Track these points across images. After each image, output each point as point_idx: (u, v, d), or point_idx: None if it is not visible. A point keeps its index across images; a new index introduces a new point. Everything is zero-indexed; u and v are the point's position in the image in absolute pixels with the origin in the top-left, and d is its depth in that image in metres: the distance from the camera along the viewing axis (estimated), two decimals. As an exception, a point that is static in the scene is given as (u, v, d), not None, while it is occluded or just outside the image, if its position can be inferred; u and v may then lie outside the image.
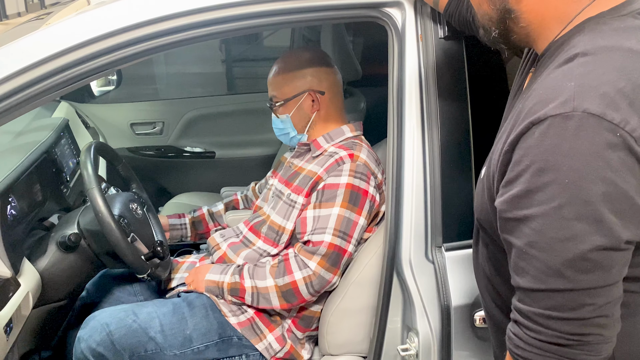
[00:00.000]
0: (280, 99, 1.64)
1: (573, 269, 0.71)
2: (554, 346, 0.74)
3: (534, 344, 0.76)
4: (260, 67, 3.85)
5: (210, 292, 1.58)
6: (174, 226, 1.92)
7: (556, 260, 0.71)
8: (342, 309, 1.50)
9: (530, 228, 0.73)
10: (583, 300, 0.72)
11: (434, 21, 1.26)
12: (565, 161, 0.69)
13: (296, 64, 1.63)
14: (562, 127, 0.69)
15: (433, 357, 1.31)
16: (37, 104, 1.13)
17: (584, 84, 0.70)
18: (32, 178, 1.59)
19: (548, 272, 0.72)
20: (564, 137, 0.69)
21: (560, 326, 0.73)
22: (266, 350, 1.54)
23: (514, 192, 0.74)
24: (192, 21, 1.13)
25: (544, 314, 0.74)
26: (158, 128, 3.00)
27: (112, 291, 1.73)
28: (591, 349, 0.74)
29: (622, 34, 0.74)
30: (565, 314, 0.73)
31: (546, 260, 0.72)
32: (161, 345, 1.48)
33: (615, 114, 0.67)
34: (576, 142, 0.68)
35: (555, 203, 0.70)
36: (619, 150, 0.67)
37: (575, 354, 0.74)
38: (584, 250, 0.70)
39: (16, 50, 1.08)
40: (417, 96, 1.27)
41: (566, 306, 0.73)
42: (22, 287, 1.29)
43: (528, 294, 0.76)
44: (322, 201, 1.50)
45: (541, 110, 0.71)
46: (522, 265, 0.75)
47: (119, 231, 1.40)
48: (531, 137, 0.72)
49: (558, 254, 0.71)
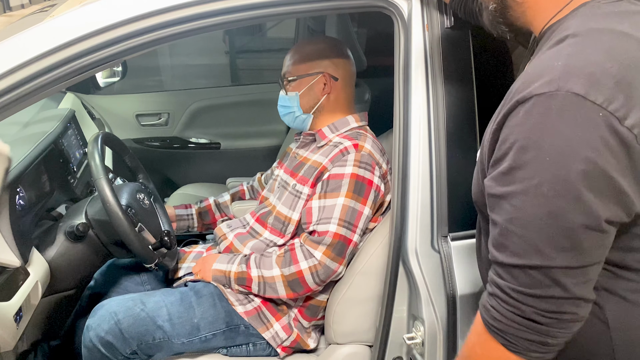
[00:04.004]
0: (293, 75, 1.65)
1: (551, 246, 0.72)
2: (531, 322, 0.76)
3: (512, 319, 0.77)
4: (264, 59, 3.85)
5: (218, 281, 1.59)
6: (180, 216, 1.93)
7: (535, 237, 0.73)
8: (348, 298, 1.51)
9: (511, 204, 0.74)
10: (559, 278, 0.73)
11: (440, 11, 1.26)
12: (547, 139, 0.70)
13: (316, 48, 1.65)
14: (546, 106, 0.70)
15: (439, 345, 1.32)
16: (43, 95, 1.14)
17: (571, 64, 0.70)
18: (40, 169, 1.61)
19: (526, 248, 0.73)
20: (547, 115, 0.70)
21: (538, 303, 0.75)
22: (273, 339, 1.56)
23: (499, 169, 0.76)
24: (198, 12, 1.13)
25: (522, 291, 0.75)
26: (163, 119, 3.01)
27: (120, 281, 1.75)
28: (565, 326, 0.76)
29: (614, 18, 0.75)
30: (541, 291, 0.74)
31: (525, 236, 0.73)
32: (169, 333, 1.49)
33: (598, 94, 0.68)
34: (558, 121, 0.69)
35: (536, 180, 0.71)
36: (601, 130, 0.68)
37: (550, 330, 0.76)
38: (563, 228, 0.71)
39: (21, 42, 1.08)
40: (424, 86, 1.27)
41: (543, 283, 0.74)
42: (32, 276, 1.30)
43: (507, 269, 0.77)
44: (327, 191, 1.50)
45: (527, 89, 0.72)
46: (502, 241, 0.77)
47: (127, 221, 1.41)
48: (516, 115, 0.73)
49: (537, 231, 0.72)
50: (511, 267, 0.76)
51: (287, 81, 1.66)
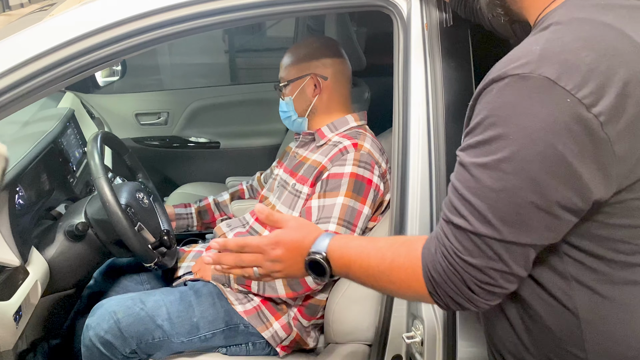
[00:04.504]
0: (285, 80, 1.67)
1: (499, 219, 0.74)
2: (466, 289, 0.79)
3: (452, 280, 0.79)
4: (264, 58, 3.84)
5: (217, 280, 1.59)
6: (180, 215, 1.93)
7: (486, 209, 0.75)
8: (348, 297, 1.51)
9: (471, 174, 0.77)
10: (502, 253, 0.75)
11: (439, 10, 1.26)
12: (513, 119, 0.72)
13: (305, 50, 1.66)
14: (518, 86, 0.72)
15: (438, 344, 1.31)
16: (42, 94, 1.14)
17: (548, 48, 0.72)
18: (39, 168, 1.60)
19: (477, 217, 0.76)
20: (518, 96, 0.72)
21: (479, 275, 0.77)
22: (272, 338, 1.56)
23: (468, 141, 0.79)
24: (197, 11, 1.13)
25: (467, 260, 0.77)
26: (163, 118, 3.01)
27: (120, 280, 1.75)
28: (490, 298, 0.79)
29: (600, 10, 0.76)
30: (483, 261, 0.76)
31: (477, 206, 0.75)
32: (168, 332, 1.49)
33: (569, 80, 0.69)
34: (528, 103, 0.71)
35: (497, 156, 0.73)
36: (566, 115, 0.69)
37: (476, 299, 0.79)
38: (514, 204, 0.73)
39: (21, 41, 1.08)
40: (423, 85, 1.27)
41: (486, 254, 0.76)
42: (31, 275, 1.30)
43: (455, 231, 0.79)
44: (327, 191, 1.50)
45: (503, 69, 0.74)
46: (455, 204, 0.79)
47: (126, 220, 1.41)
48: (490, 93, 0.76)
49: (489, 203, 0.75)
50: (460, 230, 0.78)
51: (280, 87, 1.68)
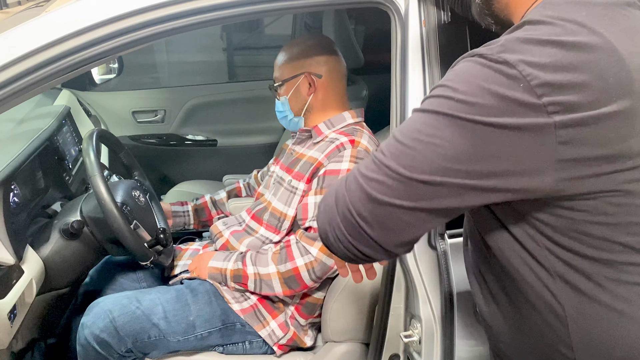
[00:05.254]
0: (279, 80, 1.66)
1: (409, 160, 0.75)
2: (348, 213, 0.80)
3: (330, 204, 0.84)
4: (261, 55, 3.84)
5: (214, 279, 1.59)
6: (176, 213, 1.93)
7: (403, 145, 0.76)
8: (345, 296, 1.51)
9: (411, 119, 0.79)
10: (394, 190, 0.75)
11: (437, 7, 1.25)
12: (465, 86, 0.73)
13: (299, 48, 1.65)
14: (479, 62, 0.73)
15: (436, 343, 1.31)
16: (37, 91, 1.13)
17: (517, 39, 0.73)
18: (35, 165, 1.60)
19: (388, 147, 0.77)
20: (475, 69, 0.73)
21: (366, 197, 0.78)
22: (269, 337, 1.55)
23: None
24: (195, 6, 1.12)
25: (365, 174, 0.78)
26: (160, 116, 3.00)
27: (116, 278, 1.74)
28: (361, 241, 0.80)
29: (574, 7, 0.76)
30: (371, 184, 0.77)
31: (398, 140, 0.77)
32: (164, 331, 1.48)
33: (527, 67, 0.69)
34: (482, 77, 0.72)
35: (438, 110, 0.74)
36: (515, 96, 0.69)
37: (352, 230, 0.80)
38: (426, 156, 0.74)
39: (15, 37, 1.07)
40: (421, 82, 1.26)
41: (376, 179, 0.77)
42: (26, 274, 1.29)
43: (371, 157, 0.80)
44: (324, 187, 1.50)
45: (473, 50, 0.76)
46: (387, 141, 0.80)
47: (122, 218, 1.40)
48: (455, 65, 0.78)
49: (410, 142, 0.75)
50: (374, 157, 0.79)
51: (275, 87, 1.67)
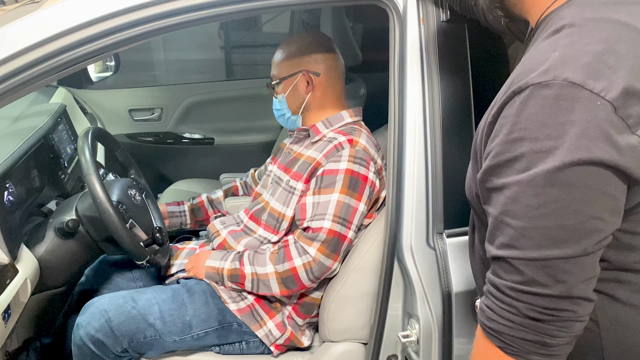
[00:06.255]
0: (277, 78, 1.65)
1: (544, 238, 0.70)
2: (527, 320, 0.74)
3: (507, 317, 0.75)
4: (259, 53, 3.83)
5: (210, 278, 1.58)
6: (172, 213, 1.91)
7: (529, 228, 0.71)
8: (343, 295, 1.50)
9: (506, 196, 0.73)
10: (555, 273, 0.71)
11: (435, 4, 1.24)
12: (543, 130, 0.68)
13: (297, 46, 1.63)
14: (542, 95, 0.68)
15: (434, 343, 1.31)
16: (33, 88, 1.12)
17: (567, 53, 0.69)
18: (30, 164, 1.58)
19: (520, 240, 0.72)
20: (543, 105, 0.68)
21: (534, 300, 0.73)
22: (266, 336, 1.54)
23: (493, 161, 0.74)
24: (192, 3, 1.11)
25: (516, 287, 0.73)
26: (156, 114, 2.98)
27: (111, 277, 1.73)
28: (564, 325, 0.74)
29: (612, 7, 0.74)
30: (537, 288, 0.72)
31: (519, 228, 0.72)
32: (160, 331, 1.47)
33: (596, 83, 0.66)
34: (554, 111, 0.67)
35: (532, 172, 0.69)
36: (599, 119, 0.66)
37: (548, 329, 0.74)
38: (556, 218, 0.69)
39: (10, 33, 1.06)
40: (419, 81, 1.26)
41: (538, 279, 0.72)
42: (20, 273, 1.28)
43: (501, 263, 0.75)
44: (322, 187, 1.49)
45: (523, 79, 0.71)
46: (496, 234, 0.75)
47: (118, 217, 1.39)
48: (512, 106, 0.72)
49: (530, 222, 0.71)
50: (504, 261, 0.74)
51: (273, 85, 1.66)
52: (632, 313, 0.78)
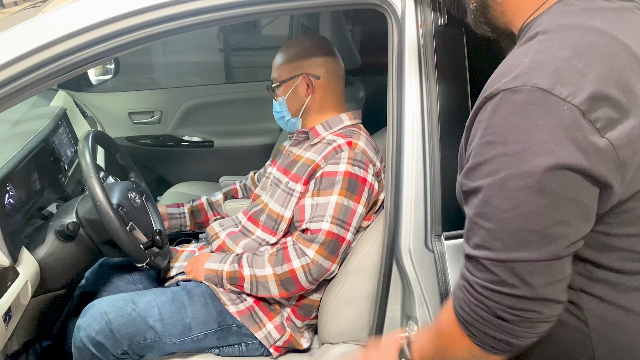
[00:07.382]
0: (277, 81, 1.65)
1: (515, 240, 0.72)
2: (495, 318, 0.76)
3: (477, 312, 0.77)
4: (259, 56, 3.83)
5: (210, 280, 1.58)
6: (172, 215, 1.92)
7: (499, 230, 0.73)
8: (342, 297, 1.50)
9: (479, 199, 0.75)
10: (524, 275, 0.73)
11: (433, 9, 1.25)
12: (511, 134, 0.70)
13: (296, 49, 1.64)
14: (512, 101, 0.70)
15: (432, 345, 1.31)
16: (33, 92, 1.12)
17: (538, 59, 0.71)
18: (30, 167, 1.59)
19: (491, 241, 0.74)
20: (512, 111, 0.70)
21: (503, 300, 0.74)
22: (265, 338, 1.55)
23: (468, 165, 0.77)
24: (193, 7, 1.11)
25: (487, 286, 0.75)
26: (156, 117, 2.99)
27: (111, 280, 1.73)
28: (531, 326, 0.76)
29: (587, 14, 0.75)
30: (507, 288, 0.74)
31: (490, 230, 0.74)
32: (160, 333, 1.48)
33: (563, 88, 0.68)
34: (523, 116, 0.69)
35: (501, 174, 0.71)
36: (566, 124, 0.68)
37: (513, 329, 0.76)
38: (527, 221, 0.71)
39: (11, 38, 1.07)
40: (417, 84, 1.26)
41: (507, 280, 0.73)
42: (21, 276, 1.29)
43: (474, 262, 0.77)
44: (320, 189, 1.50)
45: (495, 85, 0.73)
46: (470, 235, 0.77)
47: (118, 220, 1.39)
48: (485, 111, 0.74)
49: (502, 224, 0.73)
50: (477, 261, 0.76)
51: (273, 88, 1.66)
52: (620, 313, 0.79)
